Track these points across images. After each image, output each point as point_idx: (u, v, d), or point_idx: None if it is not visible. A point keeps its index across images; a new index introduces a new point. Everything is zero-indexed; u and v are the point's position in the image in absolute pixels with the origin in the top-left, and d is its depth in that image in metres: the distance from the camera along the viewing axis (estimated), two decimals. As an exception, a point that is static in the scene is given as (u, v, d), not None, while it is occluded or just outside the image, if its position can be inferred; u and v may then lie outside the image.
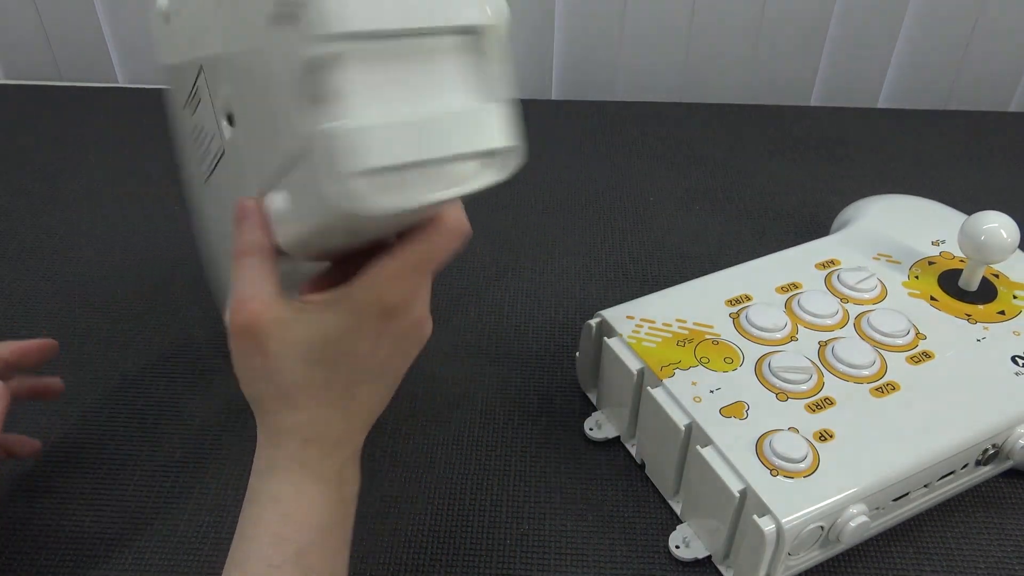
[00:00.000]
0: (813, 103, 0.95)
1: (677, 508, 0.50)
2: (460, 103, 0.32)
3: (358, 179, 0.30)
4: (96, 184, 0.78)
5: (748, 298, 0.54)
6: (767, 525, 0.41)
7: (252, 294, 0.36)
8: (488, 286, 0.66)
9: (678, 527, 0.48)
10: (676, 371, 0.49)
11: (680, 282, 0.56)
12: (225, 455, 0.53)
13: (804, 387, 0.48)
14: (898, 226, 0.61)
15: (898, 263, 0.57)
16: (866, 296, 0.54)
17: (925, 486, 0.47)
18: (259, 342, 0.35)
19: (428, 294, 0.38)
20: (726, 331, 0.51)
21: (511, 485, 0.52)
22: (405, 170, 0.31)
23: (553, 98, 0.96)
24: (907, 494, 0.46)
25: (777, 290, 0.55)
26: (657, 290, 0.55)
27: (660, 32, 0.90)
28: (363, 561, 0.47)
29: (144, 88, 0.96)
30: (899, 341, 0.51)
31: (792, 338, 0.51)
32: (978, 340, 0.51)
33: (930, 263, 0.57)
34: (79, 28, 0.94)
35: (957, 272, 0.55)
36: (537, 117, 0.89)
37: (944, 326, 0.52)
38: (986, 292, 0.54)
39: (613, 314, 0.53)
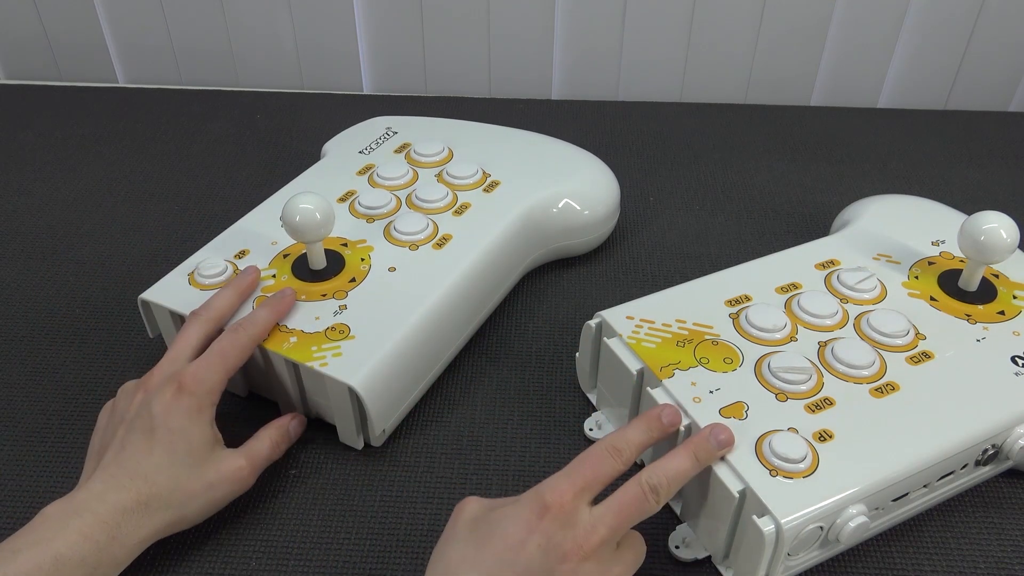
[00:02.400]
0: (813, 103, 0.95)
1: (677, 508, 0.50)
2: None
3: None
4: (96, 184, 0.78)
5: (748, 298, 0.54)
6: (767, 525, 0.41)
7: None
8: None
9: (678, 527, 0.48)
10: (676, 371, 0.49)
11: (680, 282, 0.56)
12: (225, 455, 0.53)
13: (804, 387, 0.48)
14: (898, 226, 0.61)
15: (898, 263, 0.57)
16: (866, 296, 0.54)
17: (925, 486, 0.47)
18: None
19: (594, 533, 0.41)
20: (726, 331, 0.51)
21: (511, 485, 0.52)
22: None
23: (553, 98, 0.96)
24: (907, 494, 0.46)
25: (777, 290, 0.55)
26: (657, 290, 0.55)
27: (660, 32, 0.90)
28: (363, 561, 0.47)
29: (144, 88, 0.96)
30: (899, 341, 0.51)
31: (792, 338, 0.51)
32: (978, 340, 0.51)
33: (930, 263, 0.57)
34: (79, 28, 0.94)
35: (957, 272, 0.55)
36: (537, 117, 0.89)
37: (944, 326, 0.52)
38: (986, 292, 0.54)
39: (613, 314, 0.53)
